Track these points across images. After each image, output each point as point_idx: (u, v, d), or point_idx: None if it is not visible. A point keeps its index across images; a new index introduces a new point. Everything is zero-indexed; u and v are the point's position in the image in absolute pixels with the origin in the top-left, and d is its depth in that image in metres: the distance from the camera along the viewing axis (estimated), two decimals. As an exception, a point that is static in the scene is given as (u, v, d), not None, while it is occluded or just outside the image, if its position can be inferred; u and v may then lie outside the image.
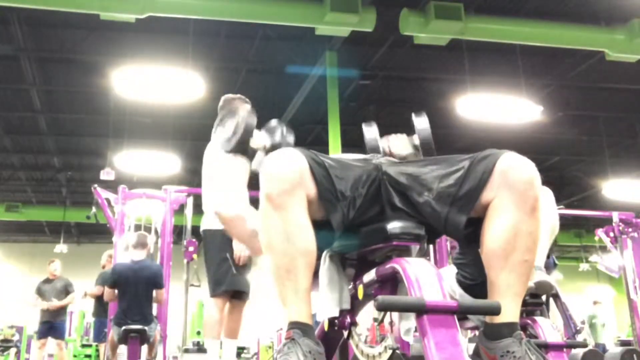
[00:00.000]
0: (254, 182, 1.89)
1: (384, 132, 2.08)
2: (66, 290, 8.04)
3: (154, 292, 5.25)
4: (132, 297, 5.01)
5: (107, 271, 6.47)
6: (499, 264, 1.36)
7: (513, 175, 1.36)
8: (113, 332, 5.08)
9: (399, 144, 2.01)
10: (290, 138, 1.96)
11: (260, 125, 1.92)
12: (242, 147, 1.86)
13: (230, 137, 1.86)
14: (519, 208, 1.35)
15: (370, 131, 1.98)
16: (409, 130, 2.04)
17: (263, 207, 1.36)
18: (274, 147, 1.94)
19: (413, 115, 1.94)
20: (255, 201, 1.61)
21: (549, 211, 3.95)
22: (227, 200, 1.84)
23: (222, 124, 1.93)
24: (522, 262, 1.35)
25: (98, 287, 7.14)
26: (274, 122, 2.00)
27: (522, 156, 1.40)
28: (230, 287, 3.56)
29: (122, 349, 5.11)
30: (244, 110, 1.86)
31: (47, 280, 8.04)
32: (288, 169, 1.35)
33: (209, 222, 3.72)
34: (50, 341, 8.02)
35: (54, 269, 8.04)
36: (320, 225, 1.39)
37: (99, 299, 7.17)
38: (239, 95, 3.82)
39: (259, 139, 1.91)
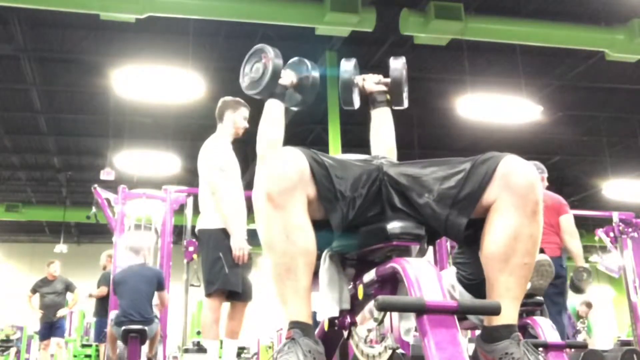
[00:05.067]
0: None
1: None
2: (67, 290, 8.04)
3: (156, 295, 5.26)
4: (131, 298, 5.01)
5: (109, 272, 6.49)
6: (498, 267, 1.35)
7: (514, 179, 1.35)
8: (113, 332, 5.09)
9: (372, 81, 2.07)
10: (315, 72, 2.00)
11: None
12: (271, 89, 1.90)
13: (258, 79, 1.88)
14: (519, 211, 1.34)
15: (347, 64, 2.02)
16: (408, 130, 2.06)
17: (263, 206, 1.36)
18: (302, 81, 1.99)
19: (391, 58, 1.99)
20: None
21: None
22: (271, 144, 1.87)
23: (248, 67, 1.96)
24: (522, 265, 1.35)
25: (102, 287, 7.15)
26: (297, 59, 2.07)
27: (523, 159, 1.40)
28: (222, 287, 3.55)
29: (122, 349, 5.12)
30: (270, 51, 1.89)
31: (46, 281, 8.03)
32: (288, 169, 1.35)
33: (204, 222, 3.71)
34: (51, 341, 8.03)
35: (54, 270, 8.04)
36: (320, 225, 1.38)
37: (100, 299, 7.18)
38: (237, 98, 3.84)
39: (286, 76, 1.97)
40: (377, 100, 2.09)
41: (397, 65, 2.01)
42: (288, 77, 2.00)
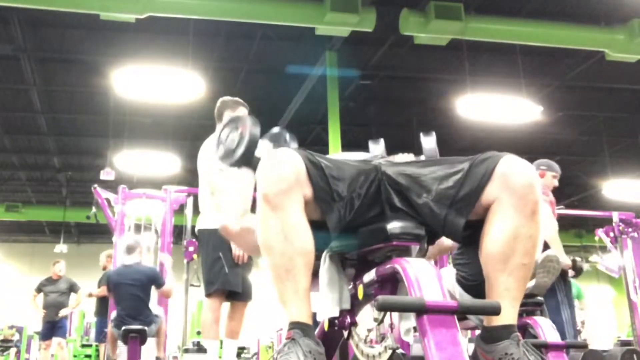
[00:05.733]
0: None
1: (383, 133, 2.08)
2: (71, 290, 8.07)
3: (156, 292, 5.26)
4: (128, 301, 5.01)
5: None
6: (497, 267, 1.35)
7: (513, 179, 1.35)
8: (113, 333, 5.09)
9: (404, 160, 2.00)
10: (294, 144, 1.95)
11: (261, 126, 1.91)
12: (247, 159, 1.85)
13: (234, 149, 1.84)
14: (518, 211, 1.34)
15: (376, 148, 1.96)
16: (408, 130, 2.05)
17: (260, 207, 1.36)
18: None
19: (421, 135, 1.92)
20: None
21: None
22: (233, 214, 1.83)
23: (223, 135, 1.90)
24: (521, 266, 1.35)
25: (102, 287, 7.16)
26: (276, 130, 1.99)
27: (522, 159, 1.39)
28: (222, 287, 3.55)
29: (122, 349, 5.12)
30: (247, 120, 1.84)
31: (50, 280, 8.06)
32: (284, 170, 1.35)
33: (204, 222, 3.72)
34: (53, 341, 8.04)
35: (59, 269, 8.07)
36: (318, 226, 1.39)
37: (101, 298, 7.19)
38: (236, 98, 3.83)
39: (262, 147, 1.88)
40: None
41: (431, 144, 1.94)
42: (265, 150, 1.92)
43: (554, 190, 4.64)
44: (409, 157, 1.98)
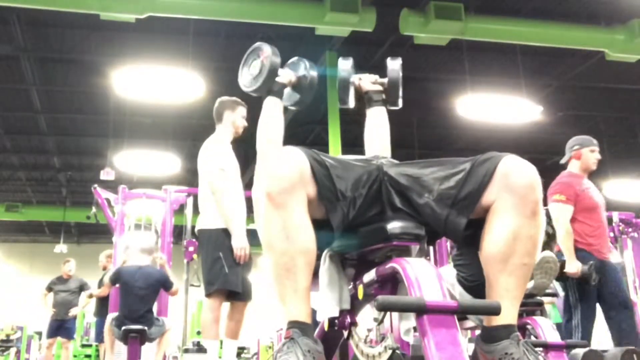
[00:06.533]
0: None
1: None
2: (81, 289, 8.09)
3: (166, 294, 5.27)
4: (133, 302, 5.00)
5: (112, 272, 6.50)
6: (498, 267, 1.35)
7: (514, 179, 1.35)
8: (112, 332, 5.08)
9: (368, 81, 2.09)
10: (313, 72, 2.05)
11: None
12: (268, 86, 1.94)
13: (256, 76, 1.91)
14: (519, 212, 1.34)
15: (344, 64, 2.05)
16: (408, 130, 2.06)
17: (263, 205, 1.36)
18: (300, 80, 2.02)
19: (388, 59, 2.02)
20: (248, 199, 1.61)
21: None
22: (270, 142, 1.89)
23: (246, 64, 2.00)
24: (521, 266, 1.35)
25: (103, 287, 7.16)
26: (295, 59, 2.11)
27: (523, 159, 1.39)
28: (222, 287, 3.55)
29: (122, 349, 5.11)
30: (267, 49, 1.90)
31: (61, 279, 8.09)
32: (288, 168, 1.35)
33: (204, 222, 3.72)
34: (57, 340, 8.05)
35: (69, 269, 8.10)
36: (320, 225, 1.38)
37: (101, 298, 7.19)
38: (234, 98, 3.84)
39: (284, 75, 2.00)
40: (373, 99, 2.11)
41: (395, 66, 2.04)
42: (286, 76, 2.03)
43: (599, 166, 4.51)
44: (373, 77, 2.06)
